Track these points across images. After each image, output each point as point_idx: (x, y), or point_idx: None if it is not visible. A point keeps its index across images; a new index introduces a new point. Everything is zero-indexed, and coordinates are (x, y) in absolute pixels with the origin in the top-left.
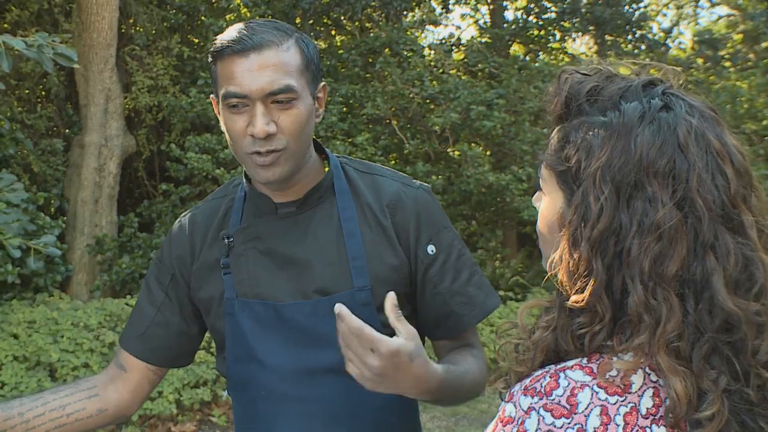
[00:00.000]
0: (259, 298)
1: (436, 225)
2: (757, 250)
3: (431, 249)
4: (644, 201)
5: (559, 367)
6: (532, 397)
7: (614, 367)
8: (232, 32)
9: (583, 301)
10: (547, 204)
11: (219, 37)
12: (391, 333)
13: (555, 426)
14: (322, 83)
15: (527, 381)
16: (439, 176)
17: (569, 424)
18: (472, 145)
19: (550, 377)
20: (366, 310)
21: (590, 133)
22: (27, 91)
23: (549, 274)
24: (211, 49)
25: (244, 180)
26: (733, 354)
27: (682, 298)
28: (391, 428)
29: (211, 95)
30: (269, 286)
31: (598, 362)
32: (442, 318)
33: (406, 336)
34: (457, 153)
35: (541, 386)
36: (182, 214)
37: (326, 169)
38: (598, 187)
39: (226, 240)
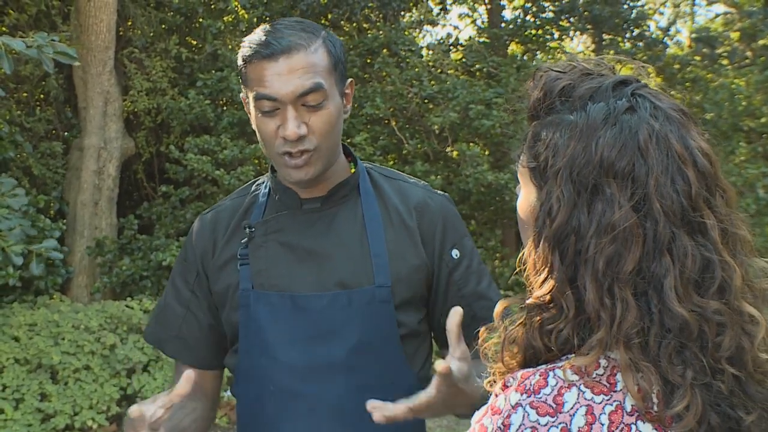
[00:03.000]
0: (275, 289)
1: (460, 231)
2: (719, 251)
3: (456, 253)
4: (603, 202)
5: (549, 366)
6: (521, 393)
7: (600, 365)
8: (259, 35)
9: (542, 297)
10: (523, 197)
11: (247, 39)
12: (406, 334)
13: (539, 423)
14: (349, 80)
15: (519, 376)
16: (438, 176)
17: (554, 422)
18: (471, 144)
19: (540, 375)
20: (384, 308)
21: (558, 132)
22: (26, 94)
23: (517, 269)
24: (241, 54)
25: (270, 174)
26: (698, 350)
27: (646, 296)
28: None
29: (241, 94)
30: (287, 277)
31: (577, 359)
32: (464, 322)
33: (459, 356)
34: (455, 153)
35: (530, 384)
36: (204, 212)
37: (352, 170)
38: (559, 186)
39: (247, 230)
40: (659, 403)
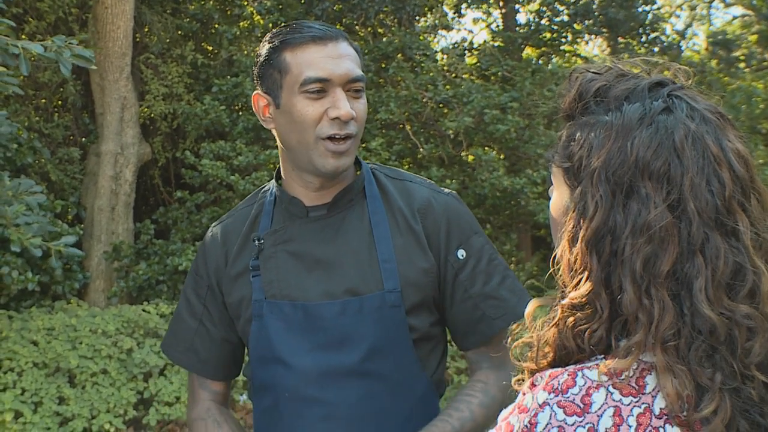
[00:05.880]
0: (288, 299)
1: (466, 230)
2: (750, 255)
3: (461, 253)
4: (639, 202)
5: (578, 366)
6: (549, 392)
7: (630, 367)
8: (292, 27)
9: (579, 298)
10: (556, 197)
11: (275, 33)
12: (418, 338)
13: (566, 423)
14: None
15: (547, 375)
16: (454, 180)
17: (581, 422)
18: (486, 149)
19: (568, 375)
20: (395, 312)
21: (593, 132)
22: (44, 101)
23: (551, 269)
24: (276, 42)
25: (275, 183)
26: (729, 354)
27: (679, 297)
28: None
29: (256, 92)
30: (298, 287)
31: (614, 363)
32: (473, 322)
33: None
34: (471, 157)
35: (559, 383)
36: (213, 224)
37: (357, 173)
38: (595, 186)
39: (256, 242)
40: (689, 408)
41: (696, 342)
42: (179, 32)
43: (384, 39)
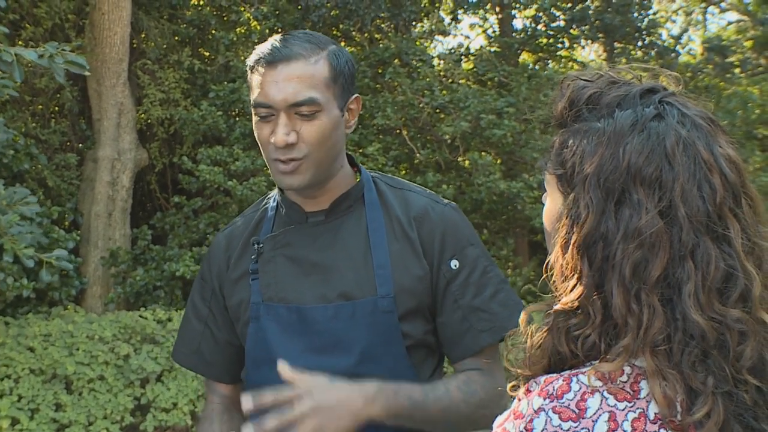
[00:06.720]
0: (283, 302)
1: (462, 241)
2: (741, 259)
3: (455, 263)
4: (630, 208)
5: (573, 371)
6: (544, 398)
7: (624, 372)
8: (267, 44)
9: (570, 303)
10: (549, 204)
11: (256, 48)
12: (412, 344)
13: (561, 428)
14: (355, 96)
15: (542, 381)
16: (450, 185)
17: (576, 427)
18: (483, 153)
19: (563, 380)
20: (388, 318)
21: (585, 139)
22: (41, 107)
23: (544, 275)
24: (248, 61)
25: (277, 189)
26: (721, 358)
27: (671, 302)
28: None
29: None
30: (294, 290)
31: (602, 365)
32: (460, 334)
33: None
34: (467, 162)
35: (554, 389)
36: (221, 230)
37: (357, 180)
38: (587, 192)
39: (255, 246)
40: (683, 412)
41: (689, 347)
42: (176, 38)
43: (380, 45)
